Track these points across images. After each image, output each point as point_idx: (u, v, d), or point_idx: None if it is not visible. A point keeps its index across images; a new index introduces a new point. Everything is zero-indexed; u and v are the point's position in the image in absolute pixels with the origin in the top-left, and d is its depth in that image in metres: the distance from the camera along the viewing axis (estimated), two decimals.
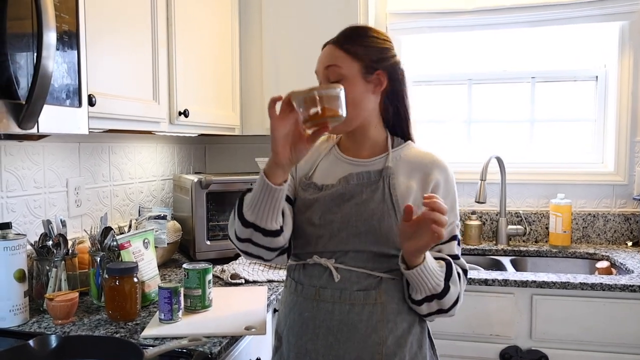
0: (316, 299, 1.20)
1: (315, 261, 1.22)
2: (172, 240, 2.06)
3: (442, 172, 1.24)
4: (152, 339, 1.29)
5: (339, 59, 1.21)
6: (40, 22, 1.01)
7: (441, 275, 1.14)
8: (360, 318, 1.17)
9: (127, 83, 1.56)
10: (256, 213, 1.12)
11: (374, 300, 1.18)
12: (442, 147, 2.71)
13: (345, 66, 1.20)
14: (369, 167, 1.25)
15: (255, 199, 1.12)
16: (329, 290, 1.19)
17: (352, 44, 1.22)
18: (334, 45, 1.24)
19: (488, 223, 2.55)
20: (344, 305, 1.18)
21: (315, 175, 1.30)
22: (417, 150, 1.28)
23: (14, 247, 1.37)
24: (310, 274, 1.23)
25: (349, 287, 1.18)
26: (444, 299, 1.15)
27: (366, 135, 1.27)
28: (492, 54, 2.64)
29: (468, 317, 1.92)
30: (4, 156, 1.54)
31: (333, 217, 1.21)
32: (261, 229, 1.14)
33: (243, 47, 2.37)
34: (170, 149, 2.49)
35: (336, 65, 1.21)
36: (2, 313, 1.36)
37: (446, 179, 1.24)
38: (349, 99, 1.12)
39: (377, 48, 1.23)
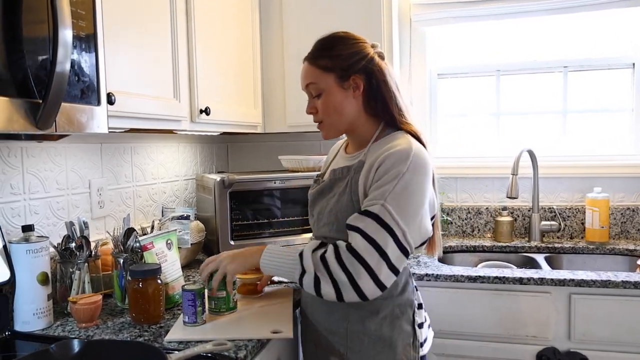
0: None
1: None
2: (195, 241, 2.03)
3: (393, 151, 1.22)
4: (176, 342, 1.25)
5: (313, 76, 1.33)
6: (55, 20, 0.98)
7: (295, 266, 1.25)
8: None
9: (147, 81, 1.53)
10: None
11: None
12: (470, 142, 2.63)
13: (320, 81, 1.31)
14: (348, 162, 1.37)
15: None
16: None
17: (321, 58, 1.32)
18: (308, 62, 1.35)
19: (520, 219, 2.46)
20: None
21: (326, 173, 1.46)
22: (389, 141, 1.28)
23: (36, 250, 1.35)
24: None
25: None
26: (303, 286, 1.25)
27: (356, 134, 1.38)
28: (522, 43, 2.54)
29: (502, 317, 1.84)
30: (25, 158, 1.53)
31: (313, 209, 1.42)
32: None
33: (264, 42, 2.33)
34: (192, 149, 2.47)
35: (312, 83, 1.33)
36: (26, 317, 1.34)
37: (395, 158, 1.20)
38: (331, 108, 1.32)
39: (345, 55, 1.30)
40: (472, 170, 2.53)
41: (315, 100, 1.35)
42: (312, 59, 1.33)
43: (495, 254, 2.33)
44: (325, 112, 1.33)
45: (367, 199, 1.22)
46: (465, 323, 1.88)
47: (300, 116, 1.80)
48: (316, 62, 1.32)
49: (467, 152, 2.62)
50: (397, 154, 1.21)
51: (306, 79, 1.34)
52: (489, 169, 2.50)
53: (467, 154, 2.61)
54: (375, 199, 1.19)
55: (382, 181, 1.20)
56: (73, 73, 1.11)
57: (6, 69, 0.97)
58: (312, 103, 1.35)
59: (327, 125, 1.36)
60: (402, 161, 1.20)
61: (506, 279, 1.82)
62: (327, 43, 1.34)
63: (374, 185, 1.22)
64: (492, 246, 2.35)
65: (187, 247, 1.95)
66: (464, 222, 2.52)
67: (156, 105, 1.56)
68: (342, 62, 1.29)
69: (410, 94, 2.58)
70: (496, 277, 1.83)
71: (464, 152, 2.62)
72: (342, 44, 1.32)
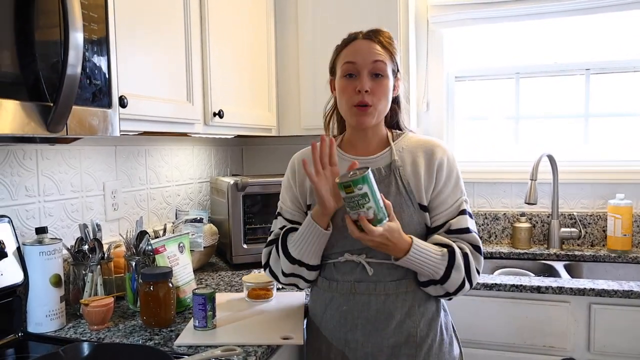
0: (352, 292, 1.29)
1: (346, 259, 1.29)
2: (208, 244, 2.03)
3: (444, 152, 1.30)
4: (186, 347, 1.25)
5: (384, 56, 1.28)
6: (66, 23, 0.98)
7: (441, 263, 1.20)
8: (396, 306, 1.26)
9: (160, 84, 1.53)
10: (303, 252, 1.27)
11: (405, 289, 1.27)
12: (488, 146, 2.59)
13: (388, 64, 1.29)
14: (376, 163, 1.32)
15: (303, 240, 1.26)
16: (364, 283, 1.27)
17: (389, 44, 1.30)
18: (375, 42, 1.29)
19: (539, 225, 2.40)
20: (379, 296, 1.27)
21: None
22: (417, 139, 1.35)
23: (49, 252, 1.36)
24: (342, 270, 1.30)
25: (382, 279, 1.27)
26: (446, 284, 1.22)
27: (376, 132, 1.35)
28: (542, 45, 2.48)
29: (519, 326, 1.80)
30: (40, 161, 1.54)
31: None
32: (305, 264, 1.29)
33: (279, 46, 2.32)
34: (207, 151, 2.47)
35: (383, 62, 1.27)
36: (39, 318, 1.35)
37: (448, 158, 1.30)
38: (387, 94, 1.29)
39: (399, 55, 1.34)
40: (490, 174, 2.49)
41: (370, 80, 1.26)
42: (380, 41, 1.29)
43: (513, 261, 2.29)
44: (382, 95, 1.27)
45: (448, 197, 1.27)
46: (481, 331, 1.84)
47: (315, 119, 1.78)
48: (385, 45, 1.29)
49: (485, 156, 2.57)
50: (448, 149, 1.32)
51: (376, 56, 1.26)
52: (507, 174, 2.46)
53: (484, 158, 2.56)
54: (457, 196, 1.29)
55: (456, 176, 1.30)
56: (85, 76, 1.11)
57: (18, 72, 0.97)
58: (369, 83, 1.26)
59: (376, 110, 1.28)
60: (453, 155, 1.32)
61: (523, 287, 1.77)
62: (388, 34, 1.32)
63: (445, 184, 1.28)
64: (510, 253, 2.30)
65: (200, 250, 1.95)
66: (480, 227, 2.48)
67: (169, 108, 1.56)
68: (398, 59, 1.32)
69: (426, 97, 2.55)
70: (513, 285, 1.78)
71: (481, 156, 2.57)
72: (395, 42, 1.33)
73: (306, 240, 1.25)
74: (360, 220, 1.12)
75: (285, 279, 1.35)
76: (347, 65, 1.29)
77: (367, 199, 1.10)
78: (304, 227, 1.26)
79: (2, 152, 1.42)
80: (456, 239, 1.26)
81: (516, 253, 2.30)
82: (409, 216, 1.26)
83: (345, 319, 1.29)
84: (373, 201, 1.11)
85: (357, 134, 1.36)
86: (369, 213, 1.11)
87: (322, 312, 1.34)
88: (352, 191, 1.10)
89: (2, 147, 1.42)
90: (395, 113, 1.40)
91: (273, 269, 1.37)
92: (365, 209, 1.10)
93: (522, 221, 2.36)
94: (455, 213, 1.27)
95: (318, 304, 1.37)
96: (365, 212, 1.11)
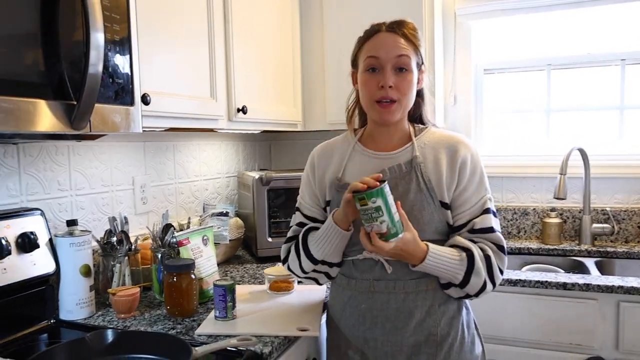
0: (371, 290, 1.27)
1: (365, 256, 1.26)
2: (234, 237, 2.07)
3: (467, 148, 1.26)
4: (206, 336, 1.29)
5: (408, 50, 1.24)
6: (87, 24, 1.03)
7: (459, 268, 1.19)
8: (416, 304, 1.24)
9: (183, 81, 1.57)
10: (326, 252, 1.27)
11: (425, 287, 1.24)
12: (517, 139, 2.54)
13: (412, 58, 1.25)
14: (398, 159, 1.28)
15: (324, 241, 1.26)
16: (383, 282, 1.25)
17: (413, 37, 1.26)
18: (399, 34, 1.25)
19: (570, 221, 2.35)
20: (399, 294, 1.24)
21: (347, 176, 1.32)
22: (440, 134, 1.31)
23: (79, 244, 1.42)
24: (362, 268, 1.28)
25: (401, 277, 1.24)
26: (466, 287, 1.21)
27: (398, 127, 1.31)
28: (574, 35, 2.41)
29: (545, 323, 1.77)
30: (72, 156, 1.61)
31: None
32: (328, 262, 1.30)
33: (304, 41, 2.34)
34: (234, 147, 2.52)
35: (407, 56, 1.24)
36: (70, 306, 1.42)
37: (472, 155, 1.26)
38: (411, 89, 1.25)
39: (423, 46, 1.29)
40: (519, 169, 2.44)
41: (394, 75, 1.23)
42: (404, 34, 1.24)
43: (542, 257, 2.24)
44: (407, 90, 1.24)
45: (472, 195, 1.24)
46: (505, 328, 1.82)
47: (340, 114, 1.78)
48: (409, 38, 1.24)
49: (514, 150, 2.52)
50: (471, 145, 1.28)
51: (400, 50, 1.22)
52: (537, 168, 2.41)
53: (513, 152, 2.52)
54: (481, 194, 1.25)
55: (480, 174, 1.26)
56: (107, 75, 1.15)
57: (45, 73, 1.02)
58: (392, 78, 1.22)
59: (400, 105, 1.24)
60: (477, 152, 1.29)
61: (549, 284, 1.74)
62: (412, 25, 1.28)
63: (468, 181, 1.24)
64: (539, 249, 2.26)
65: (225, 243, 2.00)
66: (509, 223, 2.44)
67: (192, 105, 1.60)
68: (422, 51, 1.28)
69: (454, 90, 2.52)
70: (538, 282, 1.76)
71: (510, 150, 2.53)
72: (419, 34, 1.29)
73: (329, 241, 1.25)
74: (371, 235, 1.11)
75: (304, 276, 1.36)
76: (369, 60, 1.25)
77: (381, 212, 1.09)
78: (326, 230, 1.25)
79: (35, 148, 1.49)
80: (479, 239, 1.23)
81: (545, 249, 2.25)
82: (429, 214, 1.22)
83: (364, 317, 1.28)
84: (387, 215, 1.09)
85: (379, 129, 1.32)
86: (382, 227, 1.10)
87: (341, 309, 1.33)
88: (366, 204, 1.09)
89: (36, 144, 1.49)
90: (419, 107, 1.35)
91: (291, 266, 1.38)
92: (379, 223, 1.09)
93: (552, 216, 2.31)
94: (479, 212, 1.24)
95: (337, 302, 1.35)
96: (379, 225, 1.10)
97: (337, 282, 1.35)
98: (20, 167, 1.45)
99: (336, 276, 1.35)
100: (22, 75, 0.98)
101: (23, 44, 0.99)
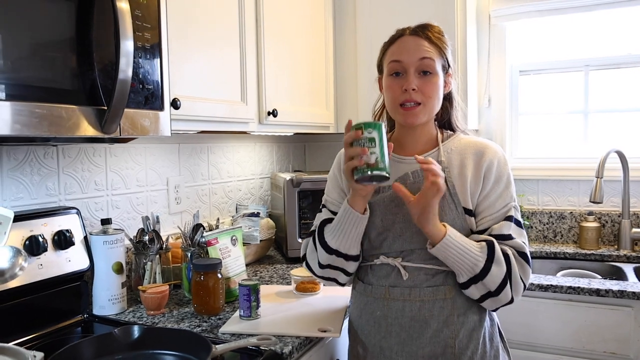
0: (386, 297, 1.23)
1: (382, 261, 1.24)
2: (265, 238, 2.11)
3: (494, 154, 1.23)
4: (229, 334, 1.32)
5: (431, 53, 1.22)
6: (117, 32, 1.08)
7: (480, 255, 1.14)
8: (432, 314, 1.19)
9: (214, 85, 1.61)
10: (340, 240, 1.22)
11: (443, 296, 1.20)
12: (554, 141, 2.47)
13: (437, 60, 1.23)
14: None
15: (340, 228, 1.21)
16: (398, 288, 1.22)
17: (438, 40, 1.24)
18: (422, 37, 1.24)
19: (608, 225, 2.27)
20: (414, 302, 1.20)
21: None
22: (468, 140, 1.29)
23: (112, 242, 1.49)
24: (378, 274, 1.26)
25: (418, 284, 1.21)
26: (486, 279, 1.14)
27: (424, 131, 1.29)
28: (613, 35, 2.33)
29: (577, 330, 1.72)
30: (109, 157, 1.68)
31: (395, 218, 1.23)
32: (343, 254, 1.23)
33: (337, 44, 2.36)
34: (269, 148, 2.56)
35: (431, 59, 1.22)
36: (102, 302, 1.48)
37: (499, 161, 1.23)
38: (437, 92, 1.23)
39: (449, 48, 1.27)
40: (556, 171, 2.38)
41: (418, 78, 1.21)
42: (428, 37, 1.23)
43: (579, 262, 2.18)
44: (431, 93, 1.22)
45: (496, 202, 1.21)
46: (536, 334, 1.78)
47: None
48: (433, 41, 1.23)
49: (551, 152, 2.46)
50: (499, 150, 1.25)
51: (425, 52, 1.21)
52: (574, 171, 2.34)
53: (550, 154, 2.46)
54: (505, 201, 1.22)
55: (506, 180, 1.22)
56: (137, 81, 1.21)
57: (77, 80, 1.08)
58: (416, 81, 1.21)
59: (425, 108, 1.22)
60: (505, 158, 1.25)
61: (581, 290, 1.70)
62: (438, 29, 1.27)
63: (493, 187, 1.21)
64: (575, 253, 2.20)
65: (256, 244, 2.04)
66: (545, 226, 2.38)
67: (222, 109, 1.64)
68: (448, 55, 1.26)
69: (488, 92, 2.48)
70: (570, 287, 1.71)
71: (547, 152, 2.47)
72: (446, 37, 1.28)
73: (343, 228, 1.20)
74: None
75: (321, 271, 1.29)
76: (393, 64, 1.24)
77: (374, 144, 1.09)
78: (340, 214, 1.21)
79: (74, 150, 1.57)
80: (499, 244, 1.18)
81: (582, 254, 2.19)
82: (451, 220, 1.18)
83: (379, 325, 1.24)
84: (379, 149, 1.09)
85: (405, 133, 1.30)
86: (371, 158, 1.09)
87: (358, 316, 1.30)
88: (362, 133, 1.10)
89: (74, 146, 1.56)
90: (447, 111, 1.33)
91: (309, 260, 1.33)
92: (369, 153, 1.09)
93: (589, 220, 2.24)
94: (501, 219, 1.20)
95: (355, 307, 1.33)
96: (368, 156, 1.09)
97: (356, 288, 1.33)
98: (59, 168, 1.53)
99: (354, 278, 1.33)
100: (56, 82, 1.04)
101: (58, 53, 1.05)
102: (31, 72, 1.00)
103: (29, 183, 1.45)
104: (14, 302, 1.28)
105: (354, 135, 1.11)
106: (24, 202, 1.43)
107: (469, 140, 1.28)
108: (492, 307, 1.21)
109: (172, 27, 1.40)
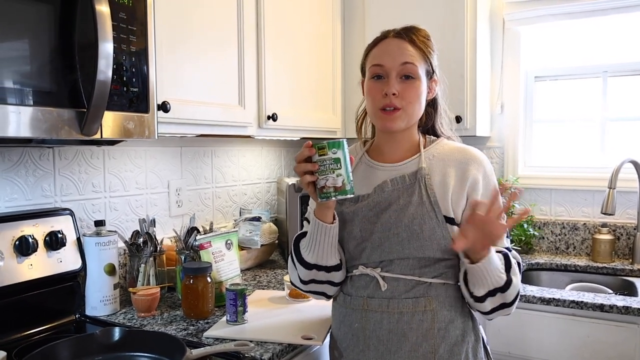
0: (364, 309, 1.19)
1: (361, 272, 1.20)
2: (266, 242, 2.10)
3: (479, 167, 1.19)
4: (212, 338, 1.32)
5: (414, 57, 1.19)
6: (96, 34, 1.09)
7: (502, 267, 1.11)
8: (410, 326, 1.15)
9: (208, 89, 1.61)
10: (316, 254, 1.18)
11: (423, 308, 1.15)
12: (569, 150, 2.39)
13: (419, 65, 1.19)
14: (402, 171, 1.22)
15: (312, 241, 1.17)
16: (376, 299, 1.18)
17: (422, 43, 1.21)
18: (406, 41, 1.21)
19: (623, 238, 2.18)
20: (392, 314, 1.16)
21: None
22: (450, 146, 1.25)
23: (104, 243, 1.50)
24: (357, 284, 1.22)
25: (396, 295, 1.16)
26: (508, 291, 1.11)
27: (405, 137, 1.25)
28: (633, 41, 2.24)
29: (580, 346, 1.65)
30: (107, 160, 1.70)
31: (373, 227, 1.19)
32: (323, 267, 1.20)
33: (346, 48, 2.34)
34: (276, 152, 2.55)
35: (413, 64, 1.19)
36: (94, 303, 1.50)
37: (484, 174, 1.20)
38: (418, 97, 1.20)
39: (435, 54, 1.24)
40: (570, 181, 2.30)
41: (399, 82, 1.18)
42: (412, 40, 1.20)
43: (590, 275, 2.09)
44: (412, 98, 1.18)
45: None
46: (536, 348, 1.71)
47: None
48: (418, 45, 1.20)
49: (565, 161, 2.38)
50: (484, 160, 1.22)
51: (407, 57, 1.18)
52: (589, 181, 2.26)
53: (564, 163, 2.37)
54: None
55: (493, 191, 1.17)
56: (121, 84, 1.22)
57: (59, 83, 1.10)
58: (397, 85, 1.18)
59: (405, 113, 1.19)
60: (490, 167, 1.23)
61: (585, 305, 1.62)
62: (424, 32, 1.24)
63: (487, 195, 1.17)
64: (587, 266, 2.11)
65: (257, 248, 2.03)
66: (557, 237, 2.30)
67: (216, 112, 1.64)
68: (433, 59, 1.23)
69: (501, 98, 2.42)
70: (573, 302, 1.64)
71: (561, 161, 2.39)
72: (432, 42, 1.24)
73: (316, 239, 1.16)
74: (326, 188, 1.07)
75: (306, 287, 1.25)
76: (374, 68, 1.21)
77: (339, 165, 1.07)
78: (310, 229, 1.18)
79: (71, 152, 1.60)
80: None
81: (594, 267, 2.10)
82: (430, 229, 1.14)
83: (357, 337, 1.20)
84: (344, 169, 1.07)
85: (386, 139, 1.26)
86: (338, 180, 1.07)
87: (337, 328, 1.26)
88: (326, 153, 1.07)
89: (71, 147, 1.59)
90: (431, 117, 1.29)
91: (292, 279, 1.29)
92: (335, 175, 1.07)
93: (603, 232, 2.15)
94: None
95: (335, 319, 1.29)
96: (335, 178, 1.07)
97: (336, 299, 1.28)
98: (55, 170, 1.55)
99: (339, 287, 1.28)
100: (36, 84, 1.06)
101: (39, 55, 1.06)
102: (10, 74, 1.02)
103: (24, 184, 1.48)
104: (2, 301, 1.30)
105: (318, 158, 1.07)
106: (18, 203, 1.46)
107: (452, 146, 1.25)
108: (494, 317, 1.18)
109: (164, 30, 1.42)
